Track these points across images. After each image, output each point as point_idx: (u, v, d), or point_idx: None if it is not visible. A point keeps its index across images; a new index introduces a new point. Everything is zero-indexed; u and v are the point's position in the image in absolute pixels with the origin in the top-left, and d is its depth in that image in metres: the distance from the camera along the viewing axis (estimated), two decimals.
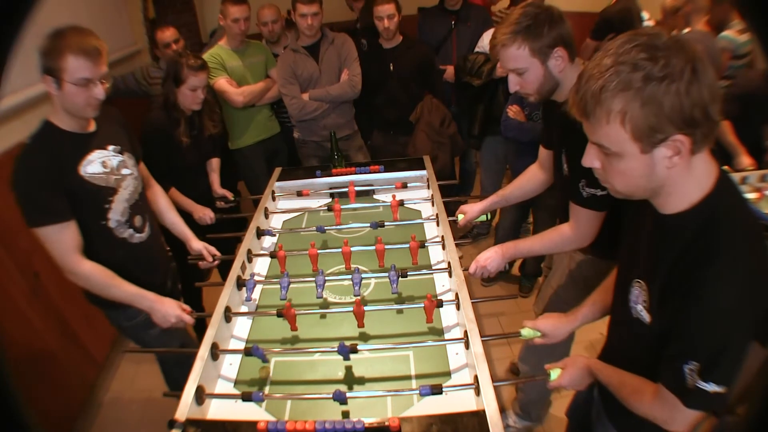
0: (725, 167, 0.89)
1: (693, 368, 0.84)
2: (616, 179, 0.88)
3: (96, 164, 1.51)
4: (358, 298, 1.55)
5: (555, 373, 1.21)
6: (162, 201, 1.89)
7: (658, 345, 0.92)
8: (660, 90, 0.75)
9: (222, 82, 2.67)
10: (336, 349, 1.32)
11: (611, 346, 1.22)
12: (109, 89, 1.46)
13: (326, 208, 2.11)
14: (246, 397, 1.26)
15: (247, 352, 1.34)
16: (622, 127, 0.79)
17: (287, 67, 2.72)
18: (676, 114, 0.76)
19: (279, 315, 1.46)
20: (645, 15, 3.28)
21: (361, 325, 1.48)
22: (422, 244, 1.73)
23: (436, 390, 1.19)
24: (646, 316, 0.96)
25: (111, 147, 1.57)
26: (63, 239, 1.43)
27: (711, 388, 0.83)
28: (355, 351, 1.32)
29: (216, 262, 1.89)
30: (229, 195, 2.41)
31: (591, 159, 0.90)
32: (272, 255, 1.75)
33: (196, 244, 1.87)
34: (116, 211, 1.57)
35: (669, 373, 0.90)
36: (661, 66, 0.75)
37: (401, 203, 2.04)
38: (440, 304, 1.46)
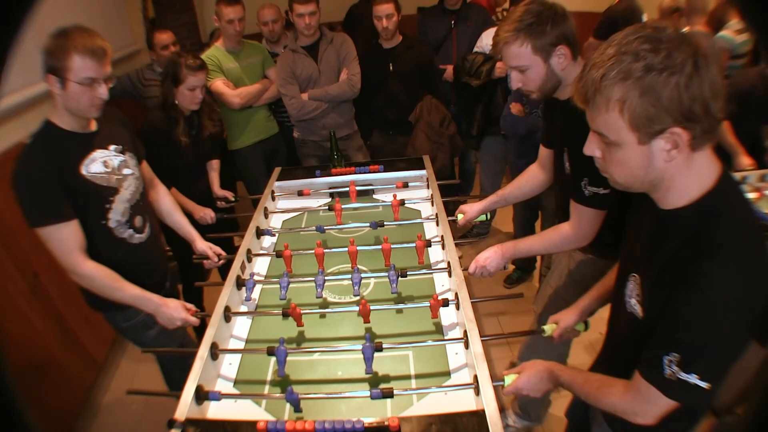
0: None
1: (672, 359, 0.84)
2: (615, 169, 0.89)
3: (98, 164, 1.51)
4: (362, 297, 1.55)
5: (509, 379, 1.19)
6: (167, 201, 1.89)
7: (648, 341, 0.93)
8: (659, 81, 0.75)
9: (219, 84, 2.67)
10: (360, 348, 1.32)
11: (609, 343, 1.22)
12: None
13: (327, 207, 2.11)
14: (270, 352, 1.32)
15: (270, 352, 1.33)
16: (620, 115, 0.80)
17: (286, 67, 2.72)
18: (674, 106, 0.76)
19: (285, 315, 1.46)
20: (645, 17, 3.28)
21: (367, 321, 1.48)
22: (429, 243, 1.73)
23: (387, 393, 1.19)
24: (638, 311, 0.96)
25: (112, 147, 1.57)
26: (65, 239, 1.42)
27: (693, 380, 0.83)
28: (380, 349, 1.32)
29: (221, 261, 1.89)
30: (230, 195, 2.41)
31: (592, 148, 0.90)
32: (278, 254, 1.74)
33: (201, 245, 1.86)
34: (117, 211, 1.56)
35: (647, 363, 0.90)
36: (662, 57, 0.75)
37: (402, 203, 2.04)
38: (446, 303, 1.46)
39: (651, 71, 0.76)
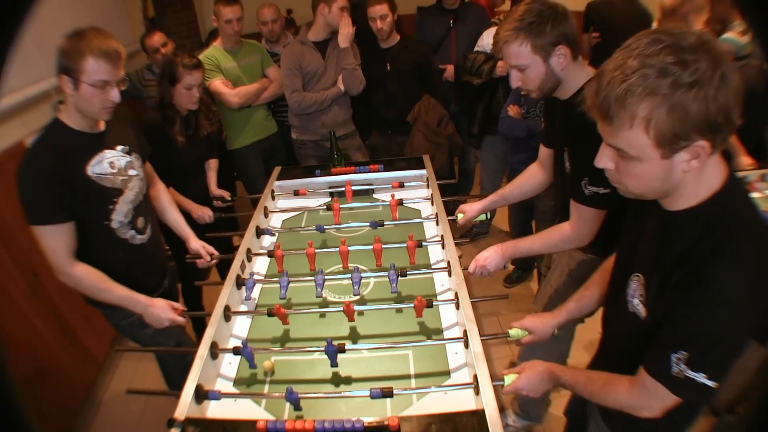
0: None
1: (681, 357, 0.84)
2: (630, 181, 0.87)
3: (104, 164, 1.51)
4: (354, 298, 1.55)
5: (509, 378, 1.19)
6: (164, 199, 1.89)
7: (653, 339, 0.92)
8: (688, 97, 0.73)
9: (217, 84, 2.67)
10: (323, 349, 1.31)
11: (607, 342, 1.22)
12: None
13: (325, 207, 2.11)
14: (236, 351, 1.33)
15: (236, 352, 1.34)
16: (645, 132, 0.78)
17: (294, 57, 2.70)
18: (701, 120, 0.74)
19: (270, 315, 1.46)
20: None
21: (351, 319, 1.48)
22: (420, 244, 1.73)
23: (387, 393, 1.19)
24: (642, 311, 0.96)
25: (119, 147, 1.57)
26: (58, 240, 1.43)
27: (700, 378, 0.83)
28: (342, 351, 1.32)
29: (214, 261, 1.89)
30: (227, 195, 2.41)
31: (605, 161, 0.88)
32: (270, 254, 1.75)
33: (195, 243, 1.87)
34: (120, 212, 1.57)
35: (654, 360, 0.90)
36: (690, 72, 0.72)
37: (400, 202, 2.04)
38: (429, 304, 1.44)
39: (679, 87, 0.73)
